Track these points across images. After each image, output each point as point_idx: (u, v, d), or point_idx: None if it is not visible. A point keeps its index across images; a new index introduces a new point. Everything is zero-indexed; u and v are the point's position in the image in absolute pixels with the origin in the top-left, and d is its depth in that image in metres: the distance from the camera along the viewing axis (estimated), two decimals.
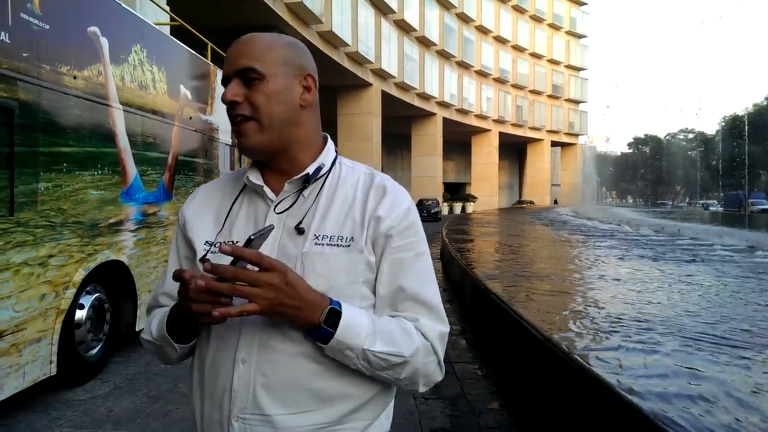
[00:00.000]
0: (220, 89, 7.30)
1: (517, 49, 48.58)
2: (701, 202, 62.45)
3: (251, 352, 0.96)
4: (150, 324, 1.08)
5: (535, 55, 51.16)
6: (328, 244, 0.98)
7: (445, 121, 38.24)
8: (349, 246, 0.98)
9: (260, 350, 0.96)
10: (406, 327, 0.97)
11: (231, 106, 0.99)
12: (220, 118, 6.92)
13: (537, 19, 51.13)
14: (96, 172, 4.25)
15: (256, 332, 0.96)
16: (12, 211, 3.36)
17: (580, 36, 57.21)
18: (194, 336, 1.02)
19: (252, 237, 0.87)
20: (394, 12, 29.86)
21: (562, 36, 54.81)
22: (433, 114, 36.79)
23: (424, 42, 34.62)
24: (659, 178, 60.14)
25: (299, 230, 0.98)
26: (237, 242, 0.99)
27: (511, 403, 3.64)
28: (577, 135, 58.13)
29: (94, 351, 4.37)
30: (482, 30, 43.49)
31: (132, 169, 4.81)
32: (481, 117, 43.54)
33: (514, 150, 57.15)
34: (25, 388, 3.45)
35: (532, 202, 49.69)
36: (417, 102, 34.24)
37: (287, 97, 1.00)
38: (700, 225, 22.26)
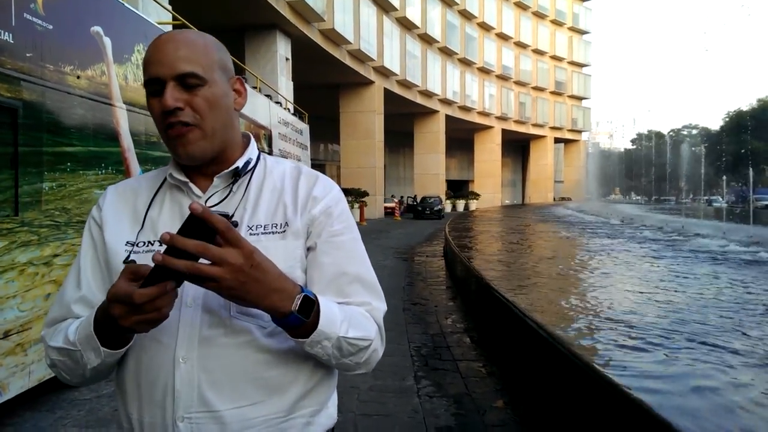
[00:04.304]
0: None
1: (520, 45, 48.44)
2: (705, 198, 62.23)
3: (191, 348, 0.92)
4: (65, 329, 0.96)
5: (538, 52, 51.01)
6: (263, 233, 0.97)
7: (448, 118, 38.19)
8: (284, 232, 0.97)
9: (201, 346, 0.92)
10: (362, 312, 0.97)
11: (172, 112, 0.92)
12: None
13: (539, 15, 50.97)
14: (100, 172, 4.25)
15: (195, 328, 0.92)
16: (17, 211, 3.37)
17: (582, 32, 57.01)
18: (122, 344, 0.91)
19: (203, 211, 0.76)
20: (396, 9, 29.81)
21: (564, 32, 54.63)
22: (436, 111, 36.74)
23: (427, 39, 34.56)
24: (663, 174, 59.94)
25: (233, 223, 0.92)
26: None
27: (515, 401, 3.64)
28: (580, 131, 58.01)
29: None
30: (485, 27, 43.39)
31: (136, 168, 4.81)
32: (484, 114, 43.47)
33: (517, 147, 57.05)
34: (30, 387, 3.46)
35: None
36: (419, 99, 34.20)
37: (226, 102, 0.98)
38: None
